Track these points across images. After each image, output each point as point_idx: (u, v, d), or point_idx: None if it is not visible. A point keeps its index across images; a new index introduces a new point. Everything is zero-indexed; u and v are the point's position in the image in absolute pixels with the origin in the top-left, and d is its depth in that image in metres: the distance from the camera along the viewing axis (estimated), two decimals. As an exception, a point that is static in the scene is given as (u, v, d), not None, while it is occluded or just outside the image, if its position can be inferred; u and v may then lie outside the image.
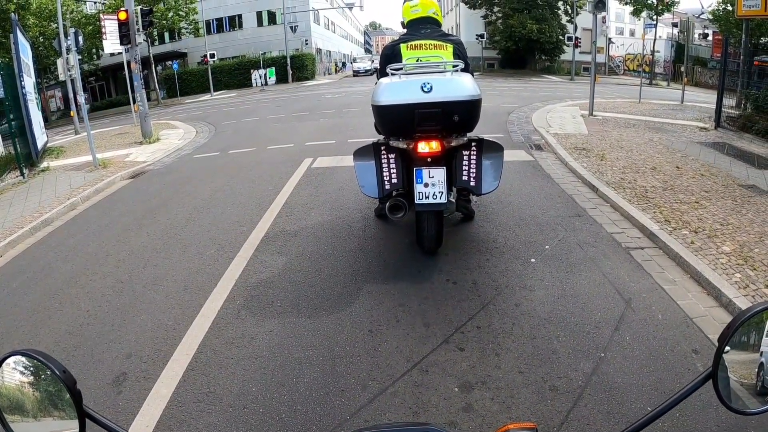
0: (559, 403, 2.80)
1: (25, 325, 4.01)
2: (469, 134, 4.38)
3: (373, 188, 4.34)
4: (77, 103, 13.09)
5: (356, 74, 40.12)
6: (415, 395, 2.89)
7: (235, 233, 5.55)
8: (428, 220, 4.35)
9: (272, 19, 40.72)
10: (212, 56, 31.47)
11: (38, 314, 4.14)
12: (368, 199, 5.16)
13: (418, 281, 4.23)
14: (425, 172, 4.10)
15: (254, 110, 18.75)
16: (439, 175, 4.09)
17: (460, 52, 4.65)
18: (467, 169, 4.24)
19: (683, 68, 21.87)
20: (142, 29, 12.69)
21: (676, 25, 32.90)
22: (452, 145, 4.17)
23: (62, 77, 15.68)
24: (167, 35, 39.61)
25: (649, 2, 29.54)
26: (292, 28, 36.59)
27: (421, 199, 4.13)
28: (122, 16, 12.03)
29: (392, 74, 4.23)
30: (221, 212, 6.39)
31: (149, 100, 20.77)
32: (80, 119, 13.04)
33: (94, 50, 30.13)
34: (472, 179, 4.25)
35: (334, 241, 5.17)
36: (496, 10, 37.37)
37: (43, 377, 0.89)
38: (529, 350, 3.26)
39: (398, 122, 4.21)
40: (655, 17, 29.48)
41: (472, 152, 4.22)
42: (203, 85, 33.70)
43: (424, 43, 4.59)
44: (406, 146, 4.17)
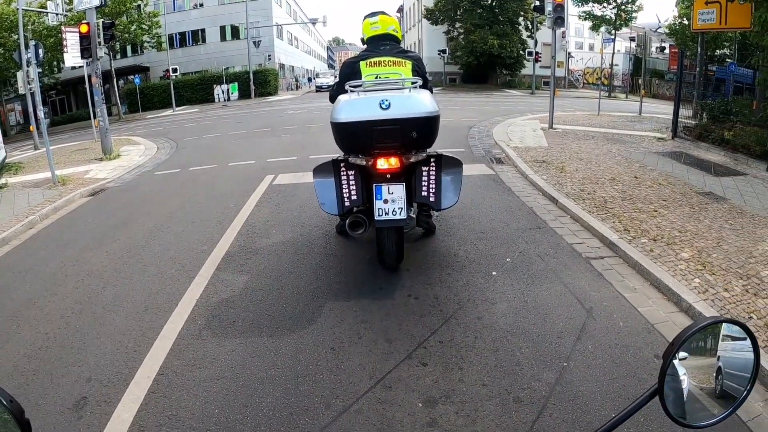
0: (523, 414, 2.82)
1: (-21, 350, 3.86)
2: (428, 150, 4.41)
3: (333, 205, 4.34)
4: (37, 117, 12.72)
5: (319, 90, 40.01)
6: (379, 412, 2.87)
7: (195, 252, 5.46)
8: (388, 236, 4.35)
9: (236, 33, 40.46)
10: (175, 71, 31.04)
11: (-7, 337, 3.99)
12: (329, 216, 5.15)
13: (379, 297, 4.22)
14: (385, 188, 4.11)
15: (216, 126, 18.56)
16: (398, 191, 4.11)
17: (419, 68, 4.70)
18: (427, 184, 4.27)
19: (641, 81, 22.56)
20: (104, 42, 12.42)
21: (633, 39, 33.85)
22: (411, 161, 4.20)
23: (22, 90, 15.20)
24: (129, 49, 38.95)
25: (607, 17, 30.43)
26: (255, 43, 36.40)
27: (381, 215, 4.14)
28: (84, 28, 11.78)
29: (351, 91, 4.24)
30: (182, 231, 6.29)
31: (110, 115, 20.37)
32: (40, 134, 12.66)
33: (55, 63, 29.39)
34: (431, 195, 4.28)
35: (295, 258, 5.14)
36: (458, 25, 37.86)
37: None
38: (492, 363, 3.28)
39: (357, 139, 4.22)
40: (613, 32, 30.37)
41: (431, 168, 4.26)
42: (165, 100, 33.18)
43: (383, 60, 4.63)
44: (365, 163, 4.18)
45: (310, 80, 54.36)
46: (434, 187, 4.27)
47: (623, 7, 29.80)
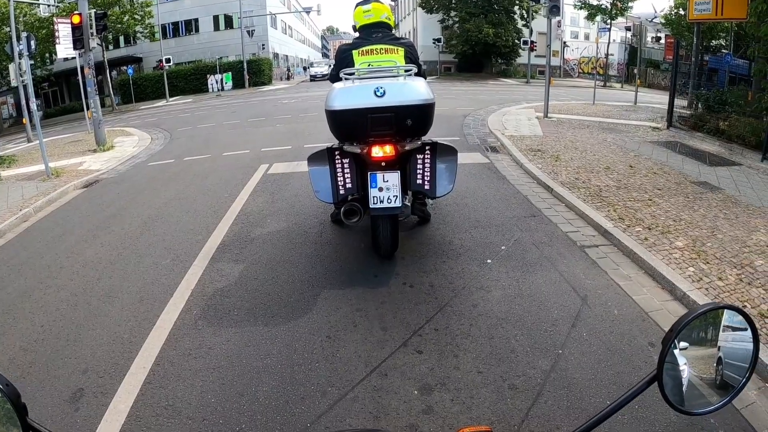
0: (518, 401, 2.83)
1: (-25, 342, 3.84)
2: (423, 138, 4.40)
3: (327, 193, 4.32)
4: (29, 110, 12.61)
5: (313, 79, 39.72)
6: (374, 400, 2.89)
7: (190, 242, 5.44)
8: (383, 224, 4.35)
9: (229, 23, 40.11)
10: (168, 61, 30.87)
11: (-10, 331, 3.97)
12: (324, 204, 5.14)
13: (374, 285, 4.24)
14: (380, 176, 4.11)
15: (210, 116, 18.46)
16: (393, 179, 4.10)
17: (411, 54, 4.69)
18: (422, 172, 4.26)
19: (636, 70, 22.53)
20: (96, 33, 12.28)
21: (629, 29, 33.94)
22: (406, 149, 4.19)
23: (14, 83, 15.05)
24: (122, 39, 38.60)
25: (603, 7, 30.34)
26: (249, 32, 36.14)
27: (375, 203, 4.13)
28: (76, 19, 11.66)
29: (345, 79, 4.23)
30: (176, 221, 6.27)
31: (103, 106, 20.19)
32: (33, 127, 12.55)
33: (47, 55, 29.19)
34: (426, 183, 4.27)
35: (290, 247, 5.13)
36: (452, 14, 37.72)
37: None
38: (487, 350, 3.30)
39: (351, 127, 4.21)
40: (609, 21, 30.31)
41: (426, 156, 4.25)
42: (159, 90, 32.98)
43: (375, 48, 4.62)
44: (360, 151, 4.17)
45: (305, 69, 53.99)
46: (429, 175, 4.26)
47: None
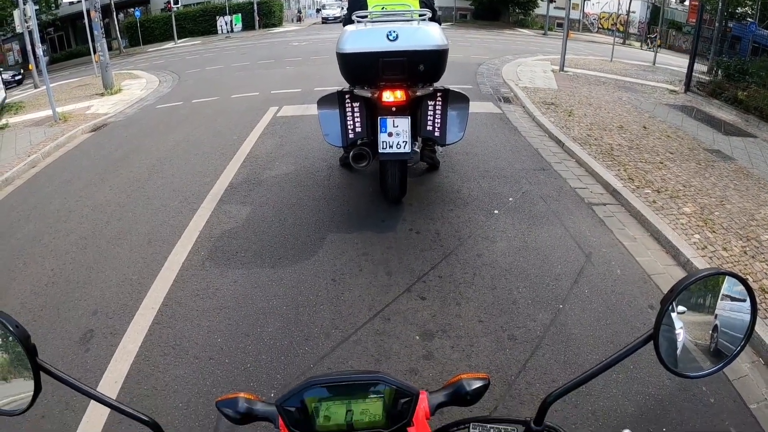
0: (517, 352, 2.89)
1: (-12, 286, 3.92)
2: (435, 84, 4.33)
3: (337, 137, 4.29)
4: (35, 55, 12.43)
5: (325, 21, 38.69)
6: (377, 343, 2.95)
7: (198, 184, 5.46)
8: (392, 169, 4.34)
9: (240, -38, 38.99)
10: (176, 2, 30.20)
11: (2, 275, 4.04)
12: (333, 148, 5.12)
13: (381, 230, 4.26)
14: (390, 121, 4.06)
15: (219, 58, 18.16)
16: (403, 124, 4.06)
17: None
18: (432, 119, 4.21)
19: (657, 30, 21.84)
20: (102, -26, 12.05)
21: (653, -15, 32.71)
22: (417, 94, 4.13)
23: (19, 29, 14.80)
24: (129, -20, 37.75)
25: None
26: (259, -29, 35.14)
27: (385, 148, 4.11)
28: (80, -41, 11.40)
29: (358, 22, 4.13)
30: (184, 163, 6.27)
31: (110, 49, 19.86)
32: (39, 72, 12.40)
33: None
34: (436, 129, 4.23)
35: (298, 190, 5.14)
36: (471, -41, 36.49)
37: None
38: (489, 300, 3.34)
39: (363, 71, 4.15)
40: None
41: (437, 102, 4.19)
42: (167, 33, 32.32)
43: None
44: (370, 95, 4.12)
45: (317, 11, 52.65)
46: (440, 121, 4.22)
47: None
